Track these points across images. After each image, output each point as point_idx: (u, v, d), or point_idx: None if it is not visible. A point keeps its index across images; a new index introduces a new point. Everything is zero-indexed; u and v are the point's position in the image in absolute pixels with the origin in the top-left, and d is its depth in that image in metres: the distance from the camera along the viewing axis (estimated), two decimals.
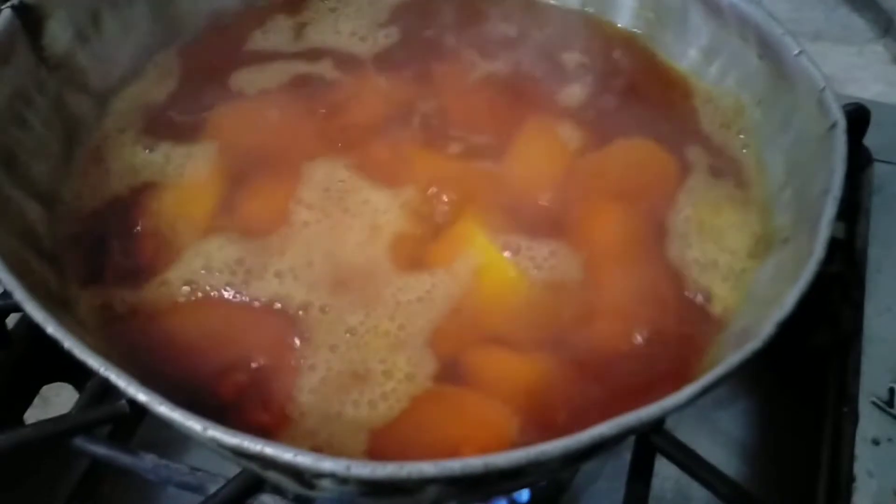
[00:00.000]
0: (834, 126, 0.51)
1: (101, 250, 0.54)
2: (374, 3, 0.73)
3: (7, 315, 0.63)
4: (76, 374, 0.67)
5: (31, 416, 0.68)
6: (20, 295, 0.41)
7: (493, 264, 0.54)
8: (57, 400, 0.75)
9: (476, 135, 0.62)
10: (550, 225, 0.56)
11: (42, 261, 0.51)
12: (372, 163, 0.59)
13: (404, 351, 0.51)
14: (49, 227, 0.54)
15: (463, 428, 0.48)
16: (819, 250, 0.45)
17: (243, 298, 0.52)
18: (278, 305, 0.52)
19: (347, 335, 0.51)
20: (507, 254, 0.55)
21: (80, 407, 0.56)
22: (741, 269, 0.54)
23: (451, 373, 0.50)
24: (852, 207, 0.68)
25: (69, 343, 0.39)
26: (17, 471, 0.66)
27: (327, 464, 0.36)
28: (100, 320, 0.51)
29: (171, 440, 0.68)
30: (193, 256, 0.54)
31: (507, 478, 0.43)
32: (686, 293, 0.54)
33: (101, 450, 0.55)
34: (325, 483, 0.40)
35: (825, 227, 0.46)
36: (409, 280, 0.54)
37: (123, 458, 0.55)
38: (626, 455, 0.55)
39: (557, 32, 0.71)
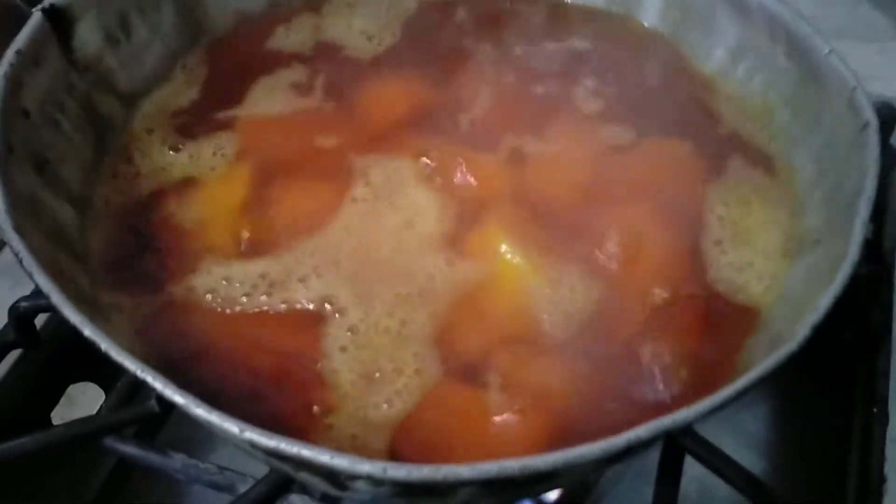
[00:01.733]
0: (866, 126, 0.51)
1: (130, 253, 0.55)
2: (394, 4, 0.73)
3: (36, 315, 0.63)
4: (102, 374, 0.68)
5: (58, 414, 0.68)
6: (56, 298, 0.41)
7: (519, 267, 0.54)
8: (83, 399, 0.75)
9: (500, 136, 0.62)
10: (579, 227, 0.56)
11: (74, 263, 0.51)
12: (398, 165, 0.59)
13: (419, 347, 0.51)
14: (80, 229, 0.54)
15: (484, 429, 0.48)
16: (853, 253, 0.45)
17: (265, 305, 0.53)
18: (307, 307, 0.52)
19: (379, 334, 0.51)
20: (533, 256, 0.54)
21: (109, 407, 0.57)
22: (774, 269, 0.54)
23: (473, 374, 0.50)
24: (880, 208, 0.67)
25: (106, 345, 0.40)
26: (46, 469, 0.66)
27: (365, 466, 0.37)
28: (129, 323, 0.51)
29: (196, 439, 0.68)
30: (216, 263, 0.55)
31: (541, 480, 0.43)
32: (719, 295, 0.54)
33: (130, 449, 0.55)
34: (360, 485, 0.40)
35: (859, 229, 0.46)
36: (437, 279, 0.54)
37: (153, 458, 0.55)
38: (650, 455, 0.55)
39: (582, 33, 0.70)
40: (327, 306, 0.52)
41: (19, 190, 0.48)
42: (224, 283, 0.53)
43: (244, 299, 0.53)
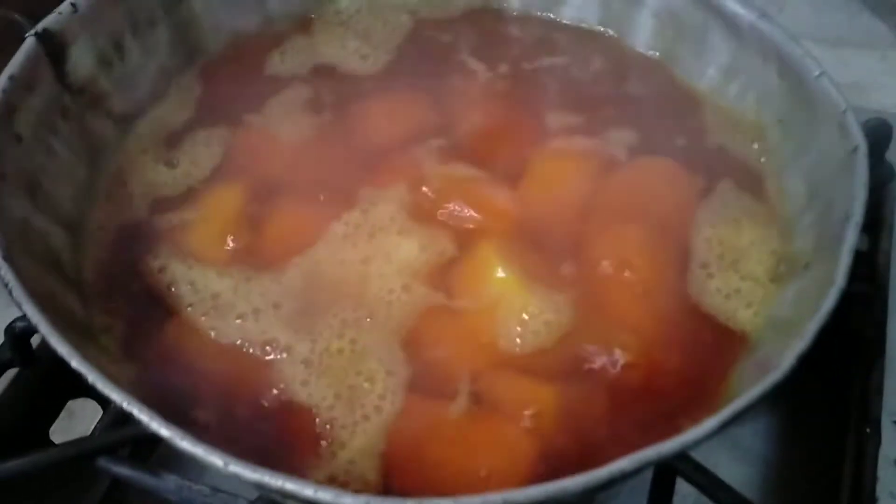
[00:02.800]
0: (855, 150, 0.51)
1: (124, 277, 0.55)
2: (388, 23, 0.73)
3: (32, 335, 0.63)
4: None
5: (58, 427, 0.69)
6: (44, 328, 0.42)
7: (510, 289, 0.54)
8: (82, 413, 0.75)
9: (492, 157, 0.62)
10: (569, 249, 0.56)
11: (66, 287, 0.51)
12: (386, 187, 0.60)
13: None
14: (72, 253, 0.54)
15: (480, 453, 0.49)
16: (840, 280, 0.45)
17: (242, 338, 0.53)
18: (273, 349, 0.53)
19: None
20: (524, 278, 0.54)
21: (103, 427, 0.57)
22: (763, 293, 0.54)
23: (469, 396, 0.50)
24: (875, 223, 0.67)
25: (93, 377, 0.40)
26: (42, 490, 0.67)
27: (347, 500, 0.37)
28: (123, 348, 0.51)
29: (189, 460, 0.68)
30: (206, 287, 0.55)
31: None
32: (709, 320, 0.54)
33: (123, 470, 0.55)
34: None
35: (846, 256, 0.46)
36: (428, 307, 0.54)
37: (146, 480, 0.55)
38: (647, 472, 0.55)
39: (576, 53, 0.71)
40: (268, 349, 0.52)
41: (10, 216, 0.49)
42: (213, 310, 0.53)
43: (228, 327, 0.53)
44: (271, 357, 0.52)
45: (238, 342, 0.52)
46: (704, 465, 0.51)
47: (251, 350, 0.52)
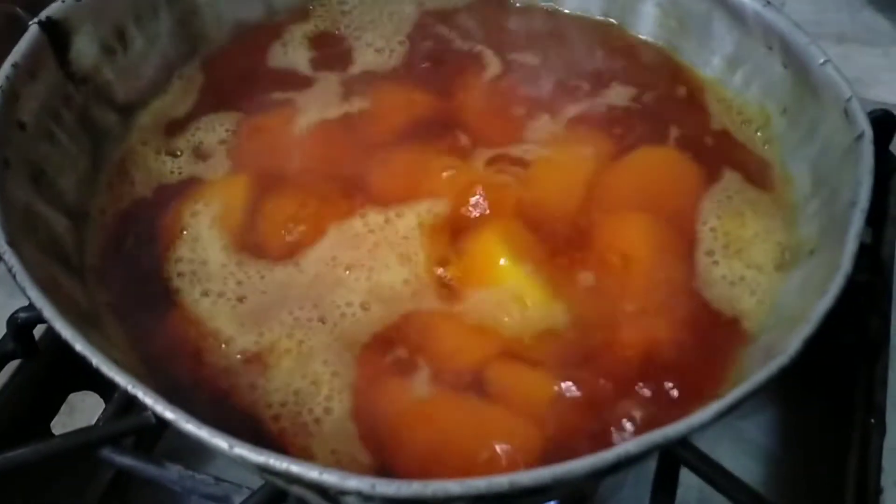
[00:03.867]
0: (861, 137, 0.51)
1: (126, 265, 0.55)
2: (393, 14, 0.73)
3: (35, 326, 0.63)
4: (102, 382, 0.68)
5: (58, 422, 0.69)
6: (49, 312, 0.41)
7: (515, 279, 0.54)
8: (83, 406, 0.75)
9: (498, 147, 0.62)
10: (574, 238, 0.56)
11: (70, 276, 0.51)
12: (391, 178, 0.60)
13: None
14: (76, 241, 0.54)
15: (482, 440, 0.48)
16: (846, 264, 0.45)
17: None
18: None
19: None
20: (528, 267, 0.54)
21: (106, 418, 0.57)
22: (768, 282, 0.54)
23: (472, 386, 0.50)
24: (879, 214, 0.67)
25: (97, 360, 0.40)
26: (45, 480, 0.67)
27: (353, 482, 0.37)
28: (126, 334, 0.51)
29: (194, 449, 0.68)
30: (208, 276, 0.55)
31: (531, 494, 0.43)
32: (713, 307, 0.53)
33: (127, 461, 0.55)
34: (350, 500, 0.40)
35: (852, 241, 0.46)
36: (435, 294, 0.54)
37: (150, 470, 0.55)
38: (650, 463, 0.55)
39: (580, 42, 0.71)
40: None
41: (14, 203, 0.48)
42: (218, 298, 0.53)
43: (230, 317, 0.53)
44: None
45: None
46: (709, 455, 0.51)
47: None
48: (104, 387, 0.70)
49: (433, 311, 0.53)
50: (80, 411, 0.75)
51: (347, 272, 0.55)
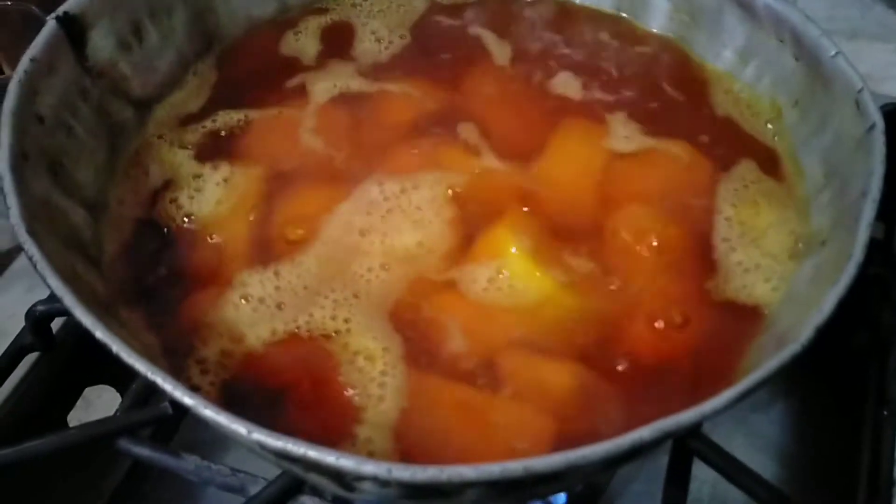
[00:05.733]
0: (872, 128, 0.51)
1: (144, 255, 0.55)
2: (403, 4, 0.74)
3: (52, 319, 0.64)
4: (118, 376, 0.69)
5: (74, 417, 0.69)
6: (69, 300, 0.42)
7: (524, 273, 0.54)
8: (98, 402, 0.76)
9: (510, 139, 0.62)
10: (586, 228, 0.57)
11: (88, 267, 0.52)
12: (404, 170, 0.60)
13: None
14: (94, 232, 0.55)
15: (495, 430, 0.49)
16: (858, 253, 0.45)
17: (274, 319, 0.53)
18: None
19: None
20: (540, 259, 0.55)
21: (124, 409, 0.57)
22: (782, 270, 0.54)
23: (484, 375, 0.50)
24: (890, 209, 0.67)
25: (117, 347, 0.40)
26: (61, 471, 0.67)
27: (369, 467, 0.37)
28: (144, 325, 0.52)
29: (210, 441, 0.69)
30: (226, 266, 0.55)
31: (546, 481, 0.44)
32: (727, 296, 0.54)
33: (144, 451, 0.56)
34: (366, 486, 0.40)
35: (864, 230, 0.46)
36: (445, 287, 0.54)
37: (167, 460, 0.56)
38: (662, 457, 0.55)
39: (590, 35, 0.71)
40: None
41: (34, 194, 0.49)
42: (238, 286, 0.54)
43: (251, 307, 0.53)
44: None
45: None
46: (721, 446, 0.51)
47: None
48: (120, 381, 0.71)
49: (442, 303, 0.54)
50: (96, 407, 0.76)
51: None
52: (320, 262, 0.55)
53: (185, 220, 0.58)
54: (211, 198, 0.59)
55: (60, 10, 0.56)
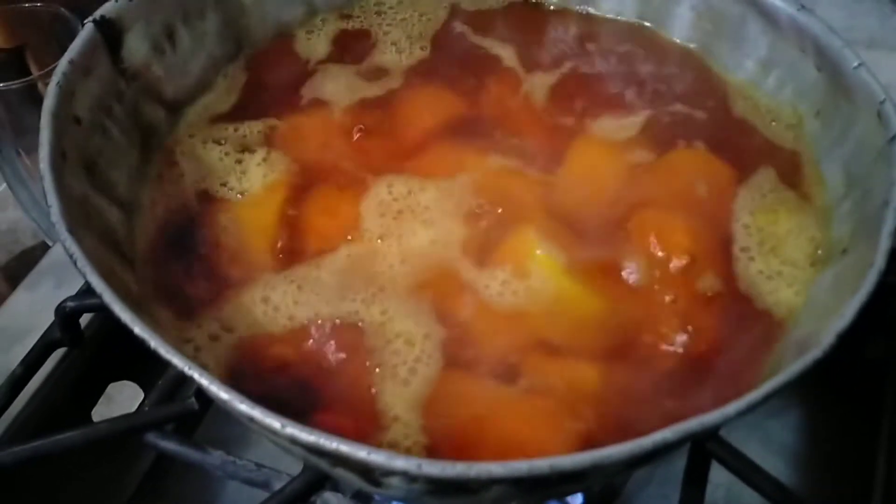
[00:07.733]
0: (894, 138, 0.52)
1: (176, 256, 0.56)
2: (426, 13, 0.75)
3: (81, 315, 0.65)
4: (143, 373, 0.70)
5: (96, 412, 0.70)
6: (108, 297, 0.43)
7: (549, 275, 0.55)
8: (120, 398, 0.77)
9: (532, 146, 0.63)
10: (609, 234, 0.57)
11: (123, 265, 0.53)
12: (429, 175, 0.61)
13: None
14: (127, 231, 0.56)
15: (521, 432, 0.49)
16: (880, 261, 0.45)
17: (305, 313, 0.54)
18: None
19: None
20: (562, 264, 0.55)
21: (151, 404, 0.58)
22: (803, 278, 0.55)
23: (510, 374, 0.51)
24: None
25: (155, 343, 0.41)
26: (85, 465, 0.68)
27: (400, 462, 0.38)
28: (176, 322, 0.53)
29: (233, 437, 0.70)
30: (255, 268, 0.56)
31: (570, 480, 0.44)
32: (749, 301, 0.54)
33: (171, 446, 0.57)
34: (394, 481, 0.41)
35: (885, 238, 0.47)
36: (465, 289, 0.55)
37: (193, 455, 0.57)
38: (677, 461, 0.56)
39: (613, 45, 0.72)
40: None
41: (72, 193, 0.50)
42: (270, 288, 0.55)
43: (277, 304, 0.54)
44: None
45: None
46: (739, 450, 0.52)
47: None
48: (144, 376, 0.72)
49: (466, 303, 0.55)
50: (118, 402, 0.77)
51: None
52: (352, 260, 0.56)
53: (216, 219, 0.59)
54: (259, 172, 0.61)
55: (98, 13, 0.57)
